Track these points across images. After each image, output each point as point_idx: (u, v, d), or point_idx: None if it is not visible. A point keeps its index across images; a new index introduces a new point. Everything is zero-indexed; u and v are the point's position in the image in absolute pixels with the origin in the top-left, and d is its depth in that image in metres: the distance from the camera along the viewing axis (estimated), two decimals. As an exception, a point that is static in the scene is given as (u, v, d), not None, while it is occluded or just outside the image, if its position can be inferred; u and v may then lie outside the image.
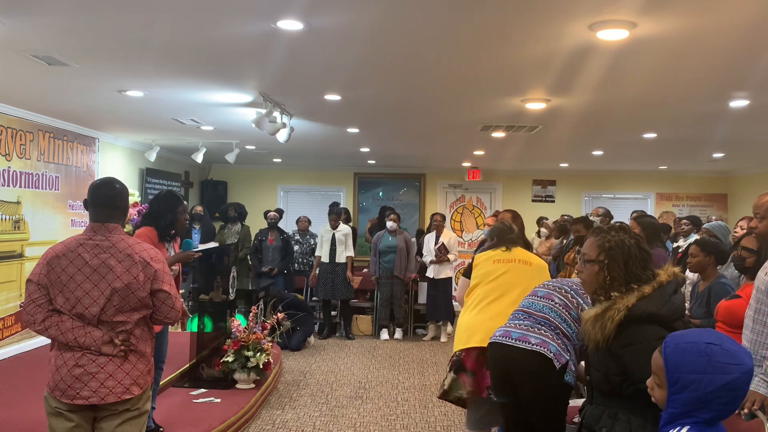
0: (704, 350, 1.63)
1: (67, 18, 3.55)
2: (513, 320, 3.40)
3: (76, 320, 2.64)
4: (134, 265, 2.67)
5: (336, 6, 3.25)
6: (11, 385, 5.33)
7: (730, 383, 1.59)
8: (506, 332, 3.33)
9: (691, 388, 1.61)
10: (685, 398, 1.63)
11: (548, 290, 3.42)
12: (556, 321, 3.29)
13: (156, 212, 4.10)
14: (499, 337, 3.33)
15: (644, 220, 5.19)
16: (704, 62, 4.18)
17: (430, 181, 12.01)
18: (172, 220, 4.09)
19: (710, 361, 1.61)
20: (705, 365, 1.61)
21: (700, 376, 1.61)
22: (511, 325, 3.37)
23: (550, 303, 3.36)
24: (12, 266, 6.43)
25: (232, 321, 5.75)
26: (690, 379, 1.62)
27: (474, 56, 4.15)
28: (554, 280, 3.65)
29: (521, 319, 3.36)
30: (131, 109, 6.32)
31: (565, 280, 3.55)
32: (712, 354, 1.62)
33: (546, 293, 3.41)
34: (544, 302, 3.37)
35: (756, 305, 2.85)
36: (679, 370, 1.64)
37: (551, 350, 3.17)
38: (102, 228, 2.73)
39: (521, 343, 3.21)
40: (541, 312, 3.32)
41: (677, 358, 1.65)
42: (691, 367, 1.62)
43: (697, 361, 1.62)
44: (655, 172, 11.64)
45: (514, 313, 3.46)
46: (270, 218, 8.88)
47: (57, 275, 2.65)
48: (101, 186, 2.84)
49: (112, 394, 2.63)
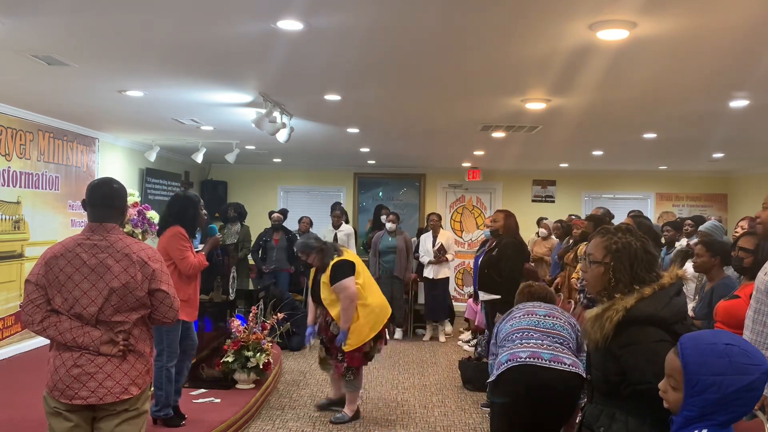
0: (724, 351, 1.60)
1: (67, 18, 3.55)
2: (531, 340, 3.37)
3: (74, 320, 2.64)
4: (132, 264, 2.67)
5: (336, 6, 3.25)
6: (11, 385, 5.33)
7: (749, 384, 1.57)
8: (534, 353, 3.29)
9: (711, 390, 1.58)
10: (703, 401, 1.59)
11: (546, 309, 3.54)
12: (568, 337, 3.40)
13: (179, 212, 4.45)
14: (527, 359, 3.28)
15: (640, 221, 5.19)
16: (704, 62, 4.18)
17: (430, 181, 12.01)
18: (195, 215, 4.48)
19: (731, 362, 1.58)
20: (726, 366, 1.58)
21: (721, 377, 1.58)
22: (532, 345, 3.34)
23: (557, 321, 3.46)
24: (12, 266, 6.43)
25: (232, 321, 5.76)
26: (710, 381, 1.58)
27: (474, 56, 4.15)
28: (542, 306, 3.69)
29: (541, 339, 3.35)
30: (131, 109, 6.32)
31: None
32: (732, 355, 1.59)
33: (547, 312, 3.50)
34: (551, 320, 3.44)
35: (756, 305, 2.84)
36: (699, 372, 1.60)
37: (580, 368, 3.24)
38: (100, 228, 2.73)
39: (556, 364, 3.25)
40: (554, 330, 3.39)
41: (697, 360, 1.62)
42: (712, 368, 1.59)
43: (718, 362, 1.59)
44: (655, 172, 11.63)
45: (525, 332, 3.43)
46: (274, 219, 8.89)
47: (55, 275, 2.65)
48: (99, 186, 2.84)
49: (110, 394, 2.63)
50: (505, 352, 3.40)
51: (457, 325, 9.43)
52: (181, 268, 4.31)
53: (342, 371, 5.06)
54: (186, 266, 4.31)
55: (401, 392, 6.14)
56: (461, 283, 11.58)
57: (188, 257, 4.32)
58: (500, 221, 5.53)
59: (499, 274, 5.32)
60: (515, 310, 3.74)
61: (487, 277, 5.44)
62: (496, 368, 3.41)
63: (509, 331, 3.54)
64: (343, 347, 4.94)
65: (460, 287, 11.53)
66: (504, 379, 3.34)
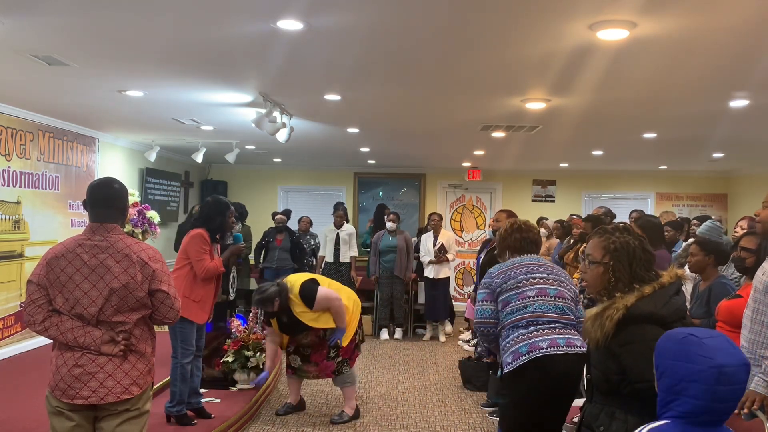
0: (682, 339, 1.69)
1: (67, 18, 3.55)
2: (545, 327, 3.24)
3: (75, 320, 2.65)
4: (132, 265, 2.67)
5: (336, 6, 3.25)
6: (11, 385, 5.33)
7: (695, 374, 1.62)
8: (552, 341, 3.20)
9: (666, 374, 1.69)
10: (663, 385, 1.70)
11: (554, 286, 3.35)
12: (573, 316, 3.35)
13: (207, 216, 4.55)
14: (549, 349, 3.18)
15: (644, 221, 5.18)
16: (704, 62, 4.18)
17: (430, 181, 12.01)
18: (222, 222, 4.54)
19: (682, 348, 1.67)
20: (677, 352, 1.67)
21: (672, 362, 1.68)
22: (547, 332, 3.23)
23: (566, 303, 3.34)
24: (12, 266, 6.43)
25: (232, 321, 5.76)
26: (665, 365, 1.69)
27: (474, 56, 4.15)
28: (542, 268, 3.45)
29: (554, 325, 3.25)
30: (131, 109, 6.32)
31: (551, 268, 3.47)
32: (687, 343, 1.67)
33: (557, 292, 3.34)
34: (562, 303, 3.32)
35: (754, 305, 2.85)
36: (659, 356, 1.73)
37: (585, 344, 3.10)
38: (100, 228, 2.73)
39: (570, 348, 3.19)
40: (564, 314, 3.30)
41: (660, 344, 1.74)
42: (667, 353, 1.70)
43: (672, 347, 1.70)
44: (655, 172, 11.63)
45: (540, 319, 3.27)
46: (278, 221, 8.89)
47: (56, 276, 2.65)
48: (99, 186, 2.85)
49: (111, 394, 2.64)
50: (522, 342, 3.22)
51: (457, 325, 9.43)
52: (195, 269, 4.40)
53: (335, 367, 5.10)
54: (200, 268, 4.37)
55: (401, 392, 6.14)
56: (461, 282, 11.59)
57: (204, 260, 4.38)
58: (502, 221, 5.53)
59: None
60: (521, 276, 3.37)
61: (488, 276, 5.43)
62: (513, 358, 3.22)
63: (522, 314, 3.29)
64: (341, 343, 5.03)
65: (460, 287, 11.53)
66: (527, 370, 3.18)
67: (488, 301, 3.39)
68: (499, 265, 3.51)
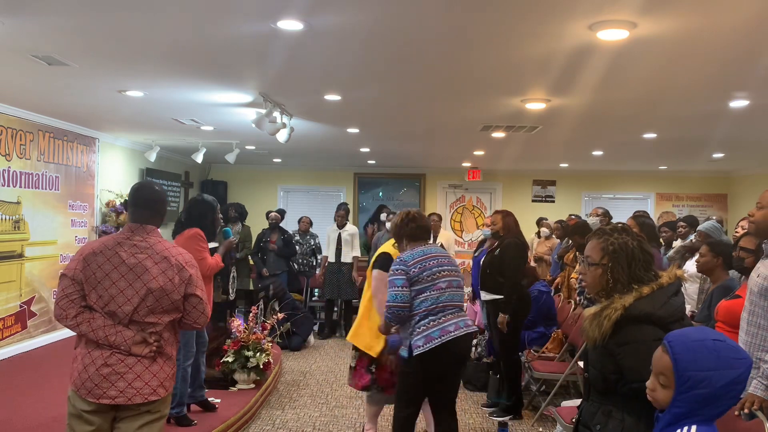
0: (713, 347, 1.65)
1: (67, 18, 3.55)
2: (450, 312, 3.72)
3: (107, 318, 2.65)
4: (170, 267, 2.70)
5: (336, 6, 3.25)
6: (11, 385, 5.33)
7: (737, 378, 1.62)
8: (456, 325, 3.70)
9: (702, 385, 1.62)
10: (694, 396, 1.63)
11: (455, 278, 3.81)
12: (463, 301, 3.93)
13: (199, 215, 4.59)
14: (455, 332, 3.67)
15: (642, 220, 5.19)
16: (704, 62, 4.18)
17: (430, 181, 12.02)
18: (213, 219, 4.67)
19: (719, 357, 1.63)
20: (715, 362, 1.63)
21: (711, 372, 1.62)
22: (452, 317, 3.72)
23: (461, 291, 3.86)
24: (12, 266, 6.43)
25: (232, 321, 5.76)
26: (701, 376, 1.62)
27: (474, 56, 4.16)
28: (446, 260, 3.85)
29: (456, 311, 3.76)
30: (131, 109, 6.33)
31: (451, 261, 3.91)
32: (721, 350, 1.64)
33: (458, 282, 3.83)
34: (460, 292, 3.84)
35: (750, 307, 2.84)
36: (689, 368, 1.64)
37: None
38: (140, 229, 2.76)
39: (466, 328, 3.75)
40: (460, 302, 3.84)
41: (687, 357, 1.65)
42: (702, 364, 1.63)
43: (708, 357, 1.64)
44: (655, 172, 11.64)
45: (447, 307, 3.73)
46: (271, 219, 8.89)
47: (92, 272, 2.66)
48: (142, 188, 2.91)
49: (139, 394, 2.63)
50: (435, 328, 3.65)
51: (457, 325, 9.41)
52: (200, 268, 4.36)
53: (369, 382, 4.53)
54: (205, 267, 4.38)
55: (401, 392, 6.13)
56: (461, 283, 11.57)
57: (207, 258, 4.40)
58: (499, 222, 5.52)
59: (502, 274, 5.31)
60: (435, 269, 3.72)
61: (490, 277, 5.43)
62: (426, 341, 3.62)
63: (436, 303, 3.68)
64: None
65: (460, 287, 11.52)
66: (437, 353, 3.62)
67: (406, 288, 3.70)
68: (411, 254, 3.79)
